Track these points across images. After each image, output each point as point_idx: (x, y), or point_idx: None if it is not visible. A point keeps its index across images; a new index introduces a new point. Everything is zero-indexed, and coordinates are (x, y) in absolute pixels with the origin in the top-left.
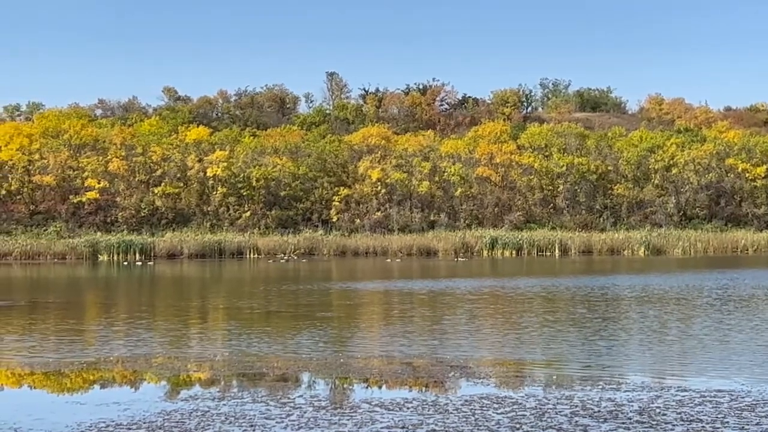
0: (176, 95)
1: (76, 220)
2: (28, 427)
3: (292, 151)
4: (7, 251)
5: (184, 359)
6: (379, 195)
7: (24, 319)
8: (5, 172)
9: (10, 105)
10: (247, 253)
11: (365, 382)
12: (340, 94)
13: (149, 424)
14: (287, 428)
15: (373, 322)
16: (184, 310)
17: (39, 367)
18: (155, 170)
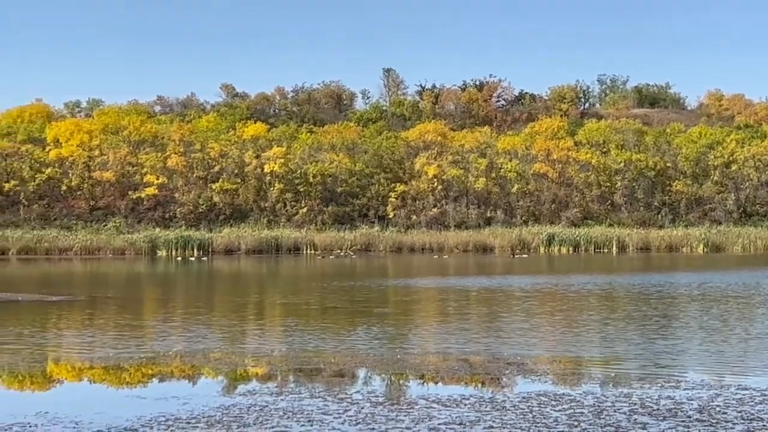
0: (234, 92)
1: (135, 215)
2: (89, 420)
3: (349, 147)
4: (67, 246)
5: (241, 354)
6: (436, 191)
7: (84, 314)
8: (66, 168)
9: (71, 101)
10: (303, 249)
11: (421, 378)
12: (396, 90)
13: (208, 418)
14: (345, 424)
15: (429, 319)
16: (241, 306)
17: (99, 362)
18: (213, 166)
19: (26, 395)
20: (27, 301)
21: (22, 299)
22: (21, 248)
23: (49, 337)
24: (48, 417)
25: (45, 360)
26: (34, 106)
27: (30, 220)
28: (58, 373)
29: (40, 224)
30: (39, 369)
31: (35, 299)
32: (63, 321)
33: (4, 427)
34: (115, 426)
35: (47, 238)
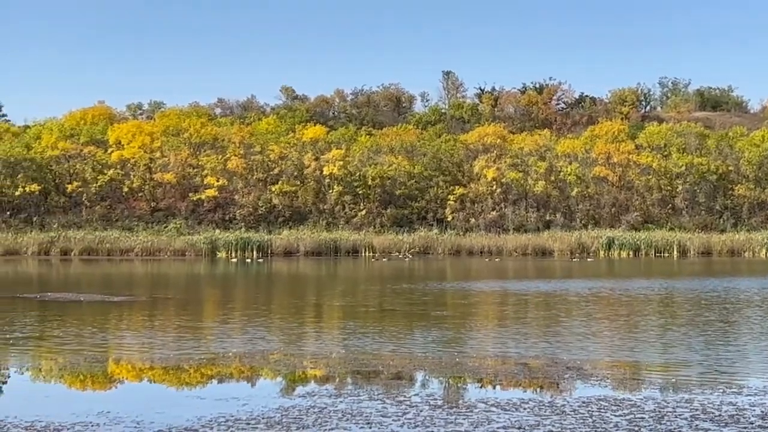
0: (294, 94)
1: (196, 217)
2: (150, 420)
3: (408, 150)
4: (128, 247)
5: (300, 356)
6: (495, 194)
7: (144, 315)
8: (127, 169)
9: (133, 104)
10: (362, 252)
11: (480, 381)
12: (456, 93)
13: (268, 419)
14: (404, 426)
15: (487, 322)
16: (299, 308)
17: (159, 362)
18: (273, 168)
19: (88, 395)
20: (89, 302)
21: (84, 299)
22: (83, 249)
23: (110, 337)
24: (110, 416)
25: (106, 360)
26: (97, 108)
27: (92, 221)
28: (118, 373)
29: (102, 225)
30: (100, 369)
31: (97, 299)
32: (124, 321)
33: (67, 426)
34: (175, 426)
35: (109, 239)
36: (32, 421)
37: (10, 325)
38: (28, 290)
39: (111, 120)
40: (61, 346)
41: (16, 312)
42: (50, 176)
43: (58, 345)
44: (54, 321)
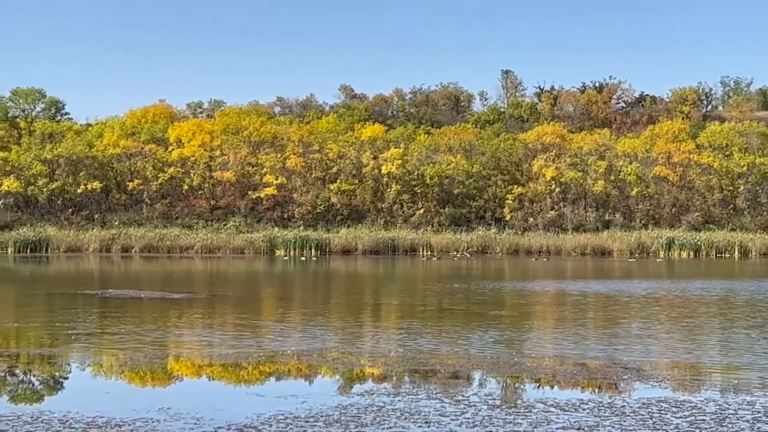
0: (352, 93)
1: (255, 215)
2: (210, 417)
3: (466, 149)
4: (188, 245)
5: (358, 354)
6: (553, 194)
7: (203, 312)
8: (188, 167)
9: (193, 102)
10: (420, 251)
11: (538, 381)
12: (515, 92)
13: (326, 417)
14: (462, 426)
15: (545, 322)
16: (357, 306)
17: (218, 359)
18: (331, 167)
19: (148, 391)
20: (149, 299)
21: (144, 296)
22: (144, 246)
23: (169, 334)
24: (170, 413)
25: (166, 357)
26: (158, 106)
27: (153, 218)
28: (178, 370)
29: (162, 223)
30: (160, 365)
31: (157, 296)
32: (183, 318)
33: (128, 422)
34: (235, 423)
35: (169, 236)
36: (94, 417)
37: (72, 322)
38: (89, 287)
39: (171, 118)
40: (122, 342)
41: (78, 308)
42: (112, 174)
43: (119, 341)
44: (115, 318)
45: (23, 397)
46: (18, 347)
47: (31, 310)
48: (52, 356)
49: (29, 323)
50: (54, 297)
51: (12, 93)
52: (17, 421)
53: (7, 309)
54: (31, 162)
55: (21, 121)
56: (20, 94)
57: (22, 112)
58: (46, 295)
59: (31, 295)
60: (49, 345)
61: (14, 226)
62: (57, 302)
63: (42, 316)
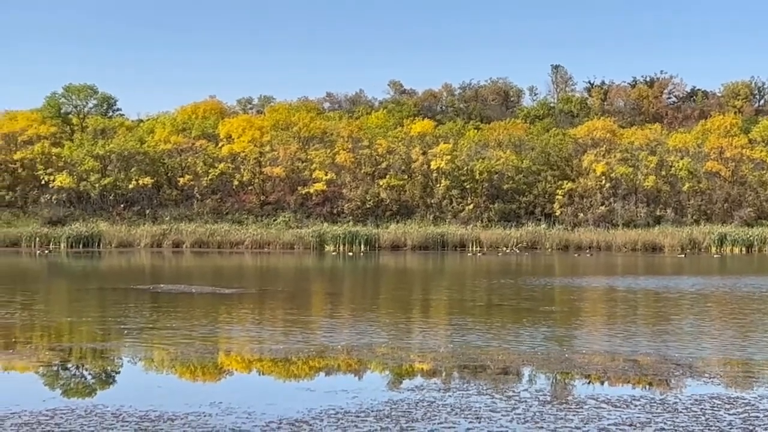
0: (402, 89)
1: (304, 210)
2: (261, 411)
3: (516, 144)
4: (238, 240)
5: (407, 349)
6: (604, 189)
7: (254, 307)
8: (238, 163)
9: (243, 98)
10: (469, 246)
11: (589, 378)
12: (564, 87)
13: (377, 412)
14: (513, 422)
15: (596, 318)
16: (406, 302)
17: (268, 354)
18: (380, 162)
19: (199, 385)
20: (200, 293)
21: (195, 291)
22: (194, 241)
23: (220, 328)
24: (221, 407)
25: (216, 351)
26: (208, 102)
27: (203, 214)
28: (229, 365)
29: (212, 218)
30: (211, 360)
31: (208, 291)
32: (234, 313)
33: (181, 416)
34: (286, 417)
35: (219, 231)
36: (146, 411)
37: (123, 317)
38: (141, 282)
39: (222, 114)
40: (173, 337)
41: (130, 303)
42: (163, 170)
43: (170, 336)
44: (166, 312)
45: (76, 391)
46: (71, 342)
47: (83, 305)
48: (104, 351)
49: (82, 318)
50: (106, 292)
51: (65, 89)
52: (71, 414)
53: (60, 304)
54: (83, 158)
55: (73, 117)
56: (73, 91)
57: (75, 108)
58: (99, 290)
59: (83, 290)
60: (102, 339)
61: (67, 221)
62: (109, 297)
63: (94, 311)
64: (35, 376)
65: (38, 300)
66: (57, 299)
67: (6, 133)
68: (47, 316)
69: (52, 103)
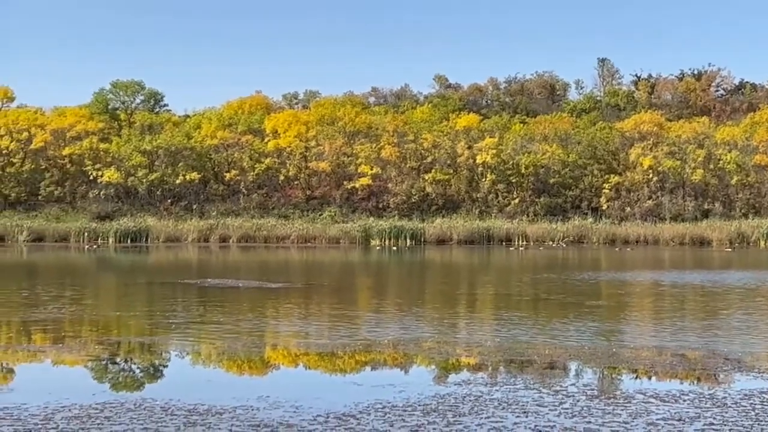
0: (447, 83)
1: (350, 205)
2: (308, 405)
3: (562, 138)
4: (284, 235)
5: (453, 344)
6: (651, 183)
7: (300, 301)
8: (283, 158)
9: (289, 93)
10: (515, 240)
11: (636, 372)
12: (611, 80)
13: (424, 406)
14: (560, 416)
15: (643, 313)
16: (452, 296)
17: (315, 348)
18: (426, 157)
19: (246, 379)
20: (247, 288)
21: (242, 286)
22: (241, 236)
23: (266, 323)
24: (269, 401)
25: (263, 345)
26: (254, 97)
27: (249, 209)
28: (276, 359)
29: (258, 213)
30: (257, 354)
31: (254, 286)
32: (280, 307)
33: (228, 410)
34: (333, 411)
35: (266, 226)
36: (195, 404)
37: (171, 311)
38: (188, 276)
39: (267, 109)
40: (220, 331)
41: (177, 298)
42: (209, 165)
43: (217, 330)
44: (213, 306)
45: (125, 385)
46: (119, 336)
47: (132, 300)
48: (152, 344)
49: (130, 312)
50: (154, 286)
51: (112, 85)
52: (120, 408)
53: (109, 298)
54: (131, 153)
55: (121, 113)
56: (120, 87)
57: (122, 104)
58: (147, 285)
59: (132, 285)
60: (150, 333)
61: (115, 216)
62: (157, 292)
63: (142, 305)
64: (84, 370)
65: (87, 294)
66: (105, 293)
67: (55, 129)
68: (96, 311)
69: (100, 99)
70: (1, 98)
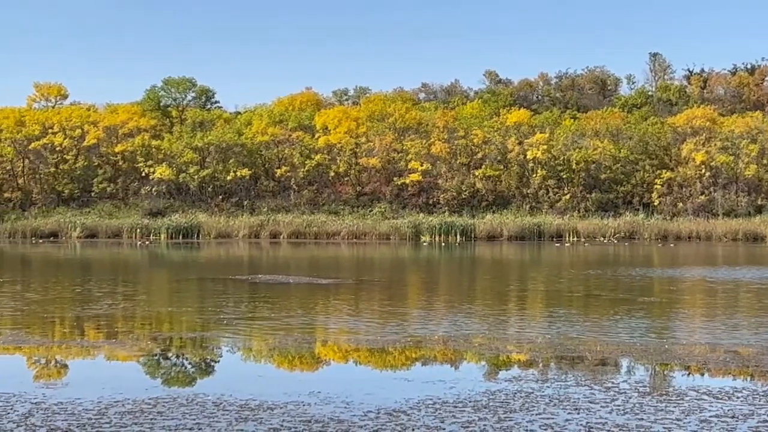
0: (497, 78)
1: (400, 201)
2: (360, 401)
3: (613, 133)
4: (335, 231)
5: (504, 340)
6: (703, 178)
7: (350, 297)
8: (334, 154)
9: (339, 90)
10: (565, 236)
11: (689, 369)
12: (663, 75)
13: (475, 402)
14: (612, 413)
15: (695, 309)
16: (502, 292)
17: (365, 344)
18: (476, 153)
19: (297, 375)
20: (297, 284)
21: (292, 281)
22: (291, 232)
23: (317, 318)
24: (320, 396)
25: (314, 341)
26: (305, 94)
27: (300, 205)
28: (326, 354)
29: (309, 209)
30: (308, 350)
31: (305, 282)
32: (330, 303)
33: (280, 405)
34: (384, 407)
35: (316, 222)
36: (247, 400)
37: (222, 306)
38: (239, 272)
39: (318, 106)
40: (271, 327)
41: (228, 293)
42: (260, 161)
43: (268, 326)
44: (263, 302)
45: (177, 380)
46: (171, 331)
47: (183, 295)
48: (204, 340)
49: (182, 308)
50: (205, 282)
51: (164, 82)
52: (173, 403)
53: (161, 294)
54: (182, 150)
55: (173, 109)
56: (172, 84)
57: (174, 101)
58: (198, 281)
59: (183, 281)
60: (201, 329)
61: (167, 212)
62: (208, 287)
63: (194, 301)
64: (137, 365)
65: (140, 290)
66: (158, 289)
67: (107, 126)
68: (148, 306)
69: (151, 96)
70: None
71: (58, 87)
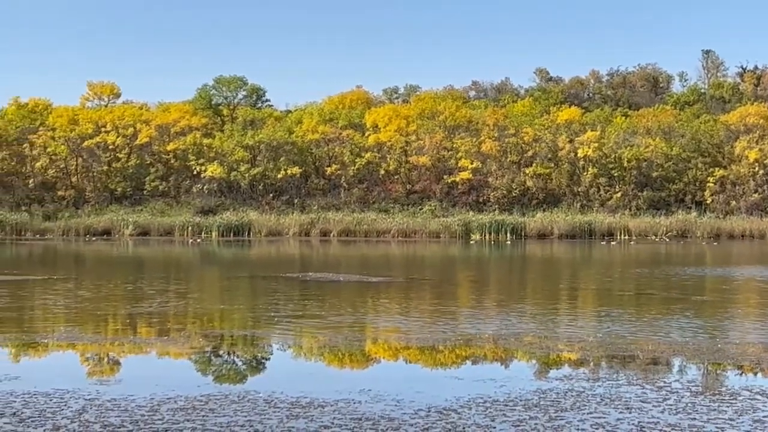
0: (548, 76)
1: (450, 199)
2: (410, 399)
3: (665, 131)
4: (385, 229)
5: (554, 339)
6: (757, 176)
7: (400, 295)
8: (384, 152)
9: (389, 88)
10: (617, 235)
11: (742, 369)
12: (716, 72)
13: (525, 401)
14: (664, 413)
15: (749, 309)
16: (553, 290)
17: (415, 342)
18: (526, 151)
19: (347, 373)
20: (347, 282)
21: (343, 279)
22: (342, 230)
23: (367, 316)
24: (370, 394)
25: (364, 339)
26: (355, 92)
27: (350, 203)
28: (376, 352)
29: (359, 207)
30: (358, 348)
31: (355, 280)
32: (380, 301)
33: (330, 403)
34: (434, 405)
35: (366, 220)
36: (297, 397)
37: (273, 304)
38: (290, 270)
39: (368, 104)
40: (321, 324)
41: (279, 291)
42: (310, 159)
43: (318, 324)
44: (314, 300)
45: (229, 377)
46: (223, 328)
47: (235, 293)
48: (255, 337)
49: (233, 305)
50: (256, 280)
51: (215, 81)
52: (224, 400)
53: (212, 292)
54: (233, 148)
55: (224, 108)
56: (223, 82)
57: (225, 99)
58: (249, 279)
59: (234, 278)
60: (252, 326)
61: (218, 210)
62: (259, 285)
63: (245, 298)
64: (189, 363)
65: (191, 288)
66: (209, 287)
67: (160, 125)
68: (200, 304)
69: (203, 95)
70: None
71: (110, 86)
